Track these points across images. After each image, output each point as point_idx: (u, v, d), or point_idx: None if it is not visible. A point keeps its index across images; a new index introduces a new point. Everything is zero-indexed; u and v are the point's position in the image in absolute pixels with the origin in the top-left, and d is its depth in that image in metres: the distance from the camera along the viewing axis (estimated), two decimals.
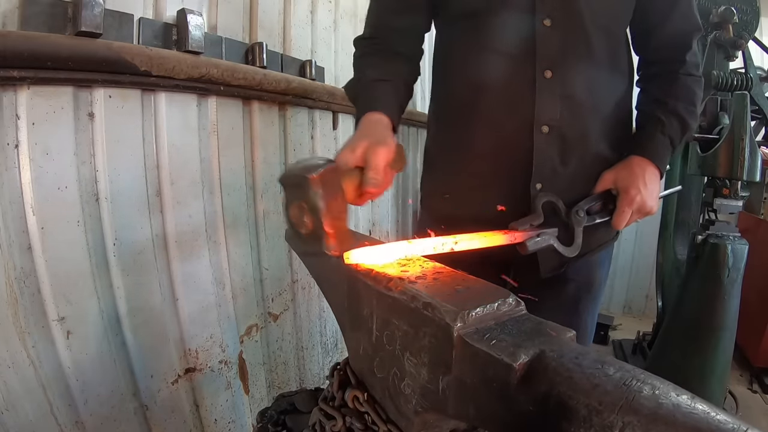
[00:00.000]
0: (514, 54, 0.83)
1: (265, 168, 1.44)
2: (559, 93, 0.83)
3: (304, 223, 0.60)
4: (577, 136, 0.87)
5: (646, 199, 0.83)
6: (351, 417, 0.60)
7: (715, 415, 0.31)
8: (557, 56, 0.82)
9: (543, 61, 0.82)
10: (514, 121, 0.85)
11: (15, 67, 0.80)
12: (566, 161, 0.87)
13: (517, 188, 0.87)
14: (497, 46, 0.85)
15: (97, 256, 0.99)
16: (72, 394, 0.96)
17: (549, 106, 0.83)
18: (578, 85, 0.84)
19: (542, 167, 0.86)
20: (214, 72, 1.14)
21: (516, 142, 0.86)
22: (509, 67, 0.84)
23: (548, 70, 0.82)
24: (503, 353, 0.39)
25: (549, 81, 0.82)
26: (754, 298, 1.93)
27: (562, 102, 0.84)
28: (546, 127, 0.84)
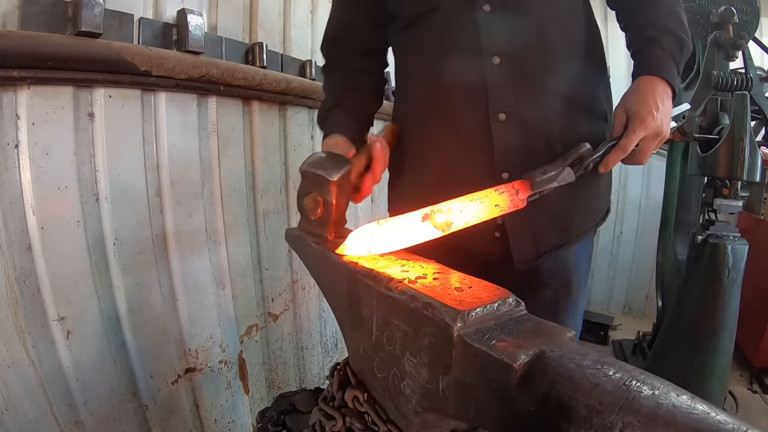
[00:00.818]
0: (460, 47, 0.82)
1: (265, 168, 1.44)
2: (510, 78, 0.80)
3: (315, 212, 0.69)
4: (537, 120, 0.83)
5: (660, 122, 0.77)
6: (351, 417, 0.60)
7: (715, 415, 0.31)
8: (503, 41, 0.80)
9: (490, 48, 0.80)
10: (470, 114, 0.83)
11: (15, 67, 0.81)
12: (530, 147, 0.83)
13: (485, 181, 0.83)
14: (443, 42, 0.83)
15: (97, 256, 0.99)
16: (72, 394, 0.96)
17: (502, 93, 0.81)
18: (530, 68, 0.81)
19: (506, 156, 0.83)
20: (214, 72, 1.14)
21: (476, 135, 0.83)
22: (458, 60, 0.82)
23: (496, 56, 0.80)
24: (503, 353, 0.39)
25: (499, 67, 0.80)
26: (754, 298, 1.93)
27: (516, 87, 0.81)
28: (503, 115, 0.81)
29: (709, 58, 1.69)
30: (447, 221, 0.64)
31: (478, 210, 0.68)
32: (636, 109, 0.77)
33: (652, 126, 0.76)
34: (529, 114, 0.82)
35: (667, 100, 0.79)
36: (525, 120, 0.82)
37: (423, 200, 0.67)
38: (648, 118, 0.76)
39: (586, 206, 0.91)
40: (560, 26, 0.83)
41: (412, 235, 0.63)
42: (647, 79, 0.80)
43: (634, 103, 0.78)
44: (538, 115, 0.83)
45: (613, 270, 3.04)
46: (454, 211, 0.65)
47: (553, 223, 0.87)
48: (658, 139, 0.79)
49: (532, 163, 0.82)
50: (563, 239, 0.89)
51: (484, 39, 0.80)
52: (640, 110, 0.76)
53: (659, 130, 0.77)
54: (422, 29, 0.86)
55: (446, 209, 0.65)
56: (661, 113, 0.77)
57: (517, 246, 0.87)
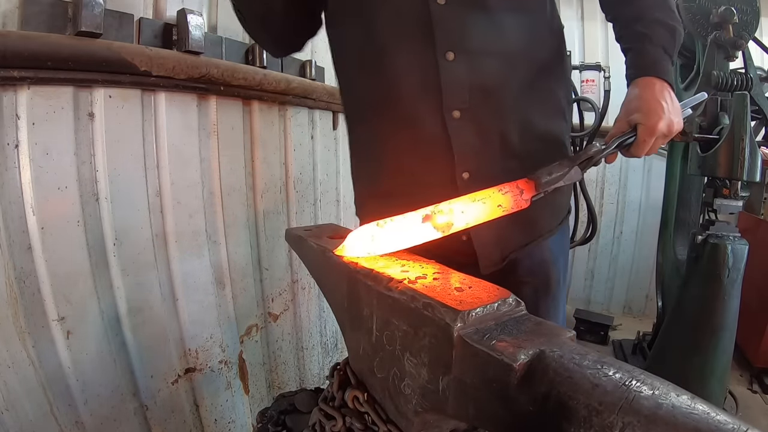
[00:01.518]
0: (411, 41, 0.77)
1: (265, 168, 1.44)
2: (464, 74, 0.77)
3: None
4: (493, 117, 0.80)
5: (671, 121, 0.75)
6: (351, 417, 0.60)
7: (715, 415, 0.31)
8: (456, 36, 0.76)
9: (442, 43, 0.76)
10: (424, 112, 0.79)
11: (15, 67, 0.81)
12: (488, 145, 0.81)
13: (446, 182, 0.82)
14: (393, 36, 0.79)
15: (97, 256, 0.99)
16: (72, 394, 0.96)
17: (456, 90, 0.77)
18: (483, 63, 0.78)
19: (465, 155, 0.80)
20: (214, 72, 1.14)
21: (433, 134, 0.80)
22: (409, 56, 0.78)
23: (449, 52, 0.76)
24: (503, 353, 0.39)
25: (451, 63, 0.76)
26: (754, 298, 1.93)
27: (471, 83, 0.78)
28: (457, 112, 0.78)
29: (709, 58, 1.69)
30: (448, 222, 0.63)
31: (480, 210, 0.67)
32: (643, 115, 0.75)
33: (662, 128, 0.74)
34: (484, 111, 0.79)
35: (669, 95, 0.77)
36: (480, 117, 0.79)
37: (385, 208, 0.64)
38: (659, 125, 0.74)
39: (549, 204, 0.86)
40: (518, 21, 0.80)
41: (412, 237, 0.62)
42: (644, 82, 0.78)
43: (640, 111, 0.76)
44: (494, 111, 0.80)
45: (613, 270, 3.04)
46: (455, 212, 0.64)
47: (516, 225, 0.82)
48: (669, 137, 0.77)
49: (491, 161, 0.80)
50: (527, 239, 0.87)
51: (438, 34, 0.76)
52: (650, 116, 0.74)
53: (670, 129, 0.75)
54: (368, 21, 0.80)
55: (447, 210, 0.64)
56: (668, 110, 0.75)
57: (481, 249, 0.85)
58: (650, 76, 0.78)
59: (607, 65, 2.41)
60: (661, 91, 0.76)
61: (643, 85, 0.78)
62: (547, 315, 0.93)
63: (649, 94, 0.76)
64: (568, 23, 2.59)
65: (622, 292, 3.08)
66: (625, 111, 0.78)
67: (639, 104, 0.76)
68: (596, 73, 2.51)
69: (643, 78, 0.78)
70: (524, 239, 0.87)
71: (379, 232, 0.61)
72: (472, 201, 0.66)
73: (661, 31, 0.79)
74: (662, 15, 0.80)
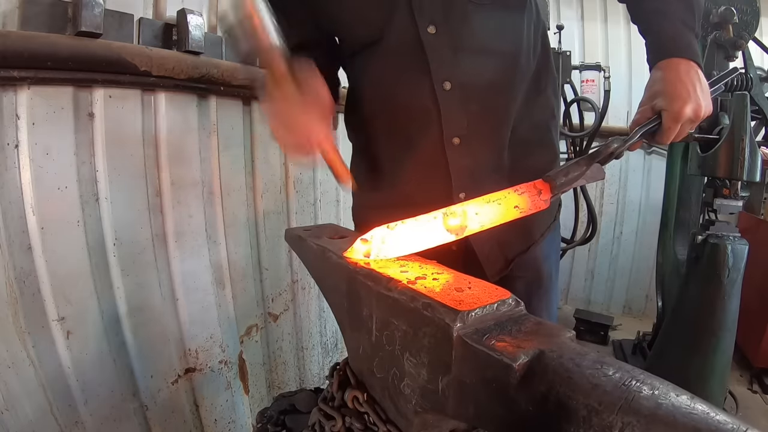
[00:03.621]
0: (410, 74, 0.79)
1: (265, 168, 1.44)
2: (461, 102, 0.79)
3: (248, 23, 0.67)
4: (489, 142, 0.82)
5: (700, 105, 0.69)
6: (350, 417, 0.60)
7: (714, 415, 0.31)
8: (450, 64, 0.77)
9: (438, 72, 0.77)
10: (425, 138, 0.82)
11: (15, 67, 0.81)
12: (484, 167, 0.83)
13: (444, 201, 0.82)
14: (394, 68, 0.81)
15: (97, 256, 0.99)
16: (72, 394, 0.97)
17: (455, 118, 0.79)
18: (478, 89, 0.79)
19: (461, 177, 0.83)
20: (214, 72, 1.14)
21: (431, 158, 0.82)
22: (409, 87, 0.80)
23: (446, 81, 0.77)
24: (503, 353, 0.39)
25: (449, 93, 0.78)
26: (754, 298, 1.93)
27: (468, 110, 0.79)
28: (457, 139, 0.80)
29: (709, 58, 1.69)
30: (461, 224, 0.61)
31: (495, 212, 0.64)
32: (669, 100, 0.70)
33: (688, 113, 0.69)
34: (482, 137, 0.82)
35: (696, 75, 0.70)
36: (478, 141, 0.82)
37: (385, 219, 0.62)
38: (683, 109, 0.68)
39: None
40: (506, 45, 0.80)
41: (425, 240, 0.60)
42: (666, 63, 0.72)
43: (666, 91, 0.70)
44: (490, 135, 0.82)
45: (613, 270, 3.04)
46: (468, 214, 0.62)
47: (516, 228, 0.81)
48: (698, 120, 0.71)
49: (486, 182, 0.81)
50: (529, 241, 0.89)
51: (433, 63, 0.77)
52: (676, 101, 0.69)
53: (697, 113, 0.70)
54: (371, 56, 0.83)
55: (460, 212, 0.62)
56: (696, 92, 0.69)
57: (485, 258, 0.86)
58: (672, 56, 0.71)
59: (607, 65, 2.41)
60: (687, 72, 0.70)
61: (666, 66, 0.72)
62: (539, 309, 0.94)
63: (674, 76, 0.70)
64: (568, 23, 2.60)
65: (622, 292, 3.08)
66: (649, 95, 0.73)
67: (663, 87, 0.70)
68: (596, 73, 2.51)
69: (665, 60, 0.72)
70: (526, 242, 0.88)
71: (389, 234, 0.60)
72: (486, 202, 0.64)
73: (681, 6, 0.73)
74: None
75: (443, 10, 0.76)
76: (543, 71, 0.88)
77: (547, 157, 0.91)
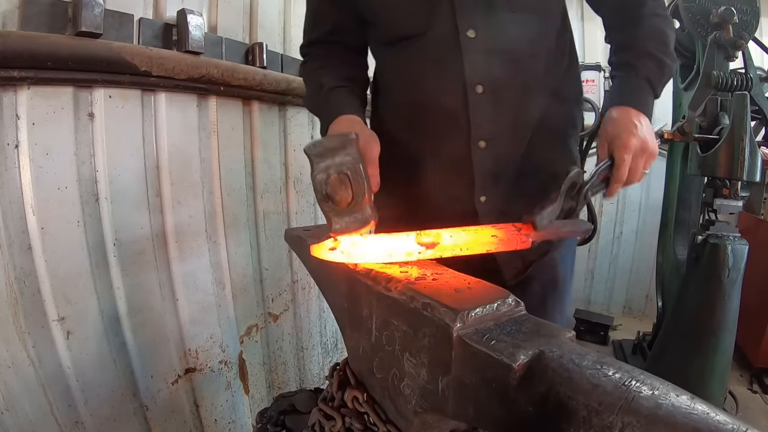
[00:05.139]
0: (444, 73, 0.81)
1: (265, 168, 1.44)
2: (492, 107, 0.81)
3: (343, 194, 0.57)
4: (514, 147, 0.85)
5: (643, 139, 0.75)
6: (350, 417, 0.60)
7: (714, 415, 0.31)
8: (485, 69, 0.80)
9: (472, 76, 0.80)
10: (452, 139, 0.84)
11: (15, 67, 0.81)
12: (509, 172, 0.85)
13: (460, 201, 0.87)
14: (428, 66, 0.82)
15: (97, 256, 0.99)
16: (72, 394, 0.96)
17: (484, 122, 0.82)
18: (510, 95, 0.82)
19: (484, 181, 0.85)
20: (214, 72, 1.14)
21: (456, 160, 0.85)
22: (442, 86, 0.82)
23: (479, 84, 0.80)
24: (502, 354, 0.39)
25: (481, 96, 0.80)
26: (754, 298, 1.93)
27: (497, 115, 0.82)
28: (483, 143, 0.83)
29: (709, 58, 1.69)
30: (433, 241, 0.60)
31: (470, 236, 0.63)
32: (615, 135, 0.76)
33: (635, 144, 0.75)
34: (507, 142, 0.84)
35: (643, 119, 0.77)
36: (503, 147, 0.84)
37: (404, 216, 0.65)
38: (631, 141, 0.74)
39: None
40: (541, 51, 0.83)
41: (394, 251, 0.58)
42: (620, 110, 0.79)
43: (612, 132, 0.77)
44: (516, 143, 0.85)
45: (613, 270, 3.03)
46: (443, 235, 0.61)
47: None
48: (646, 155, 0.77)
49: (507, 186, 0.84)
50: (547, 246, 0.89)
51: (468, 67, 0.80)
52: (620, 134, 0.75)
53: (644, 146, 0.76)
54: (406, 51, 0.84)
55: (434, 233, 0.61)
56: (641, 130, 0.75)
57: (504, 262, 0.88)
58: (627, 106, 0.78)
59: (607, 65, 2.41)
60: (636, 115, 0.77)
61: (618, 110, 0.79)
62: (553, 310, 0.96)
63: (624, 117, 0.77)
64: None
65: (622, 292, 3.08)
66: (603, 134, 0.79)
67: (612, 127, 0.77)
68: (596, 73, 2.51)
69: (621, 107, 0.79)
70: (545, 247, 0.89)
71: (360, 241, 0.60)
72: (462, 229, 0.64)
73: (649, 63, 0.80)
74: (654, 47, 0.80)
75: (484, 16, 0.79)
76: (570, 80, 0.91)
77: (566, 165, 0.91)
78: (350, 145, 0.57)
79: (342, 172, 0.57)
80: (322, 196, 0.58)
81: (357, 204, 0.58)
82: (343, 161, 0.57)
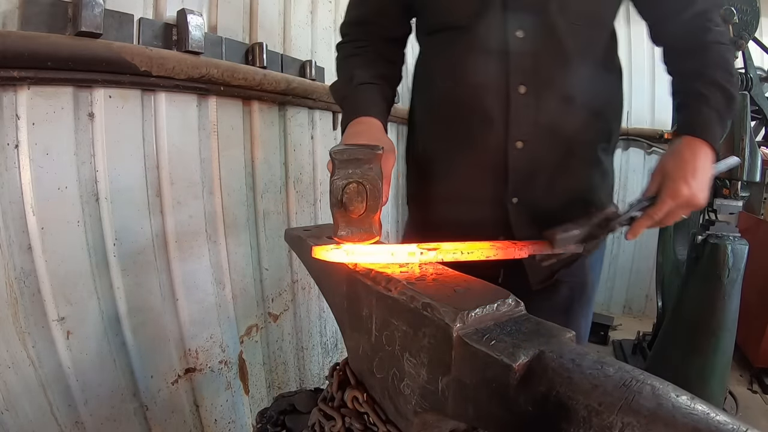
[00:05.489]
0: (487, 69, 0.80)
1: (265, 168, 1.44)
2: (532, 108, 0.80)
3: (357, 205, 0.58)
4: (552, 150, 0.84)
5: (695, 192, 0.73)
6: (350, 417, 0.60)
7: (714, 415, 0.31)
8: (530, 70, 0.79)
9: (516, 75, 0.79)
10: (489, 136, 0.83)
11: (15, 67, 0.80)
12: (542, 175, 0.85)
13: (492, 202, 0.86)
14: (472, 61, 0.82)
15: (97, 256, 0.99)
16: (72, 394, 0.96)
17: (523, 123, 0.81)
18: (552, 99, 0.81)
19: (517, 182, 0.84)
20: (214, 72, 1.14)
21: (491, 158, 0.84)
22: (483, 82, 0.81)
23: (522, 85, 0.79)
24: (502, 354, 0.39)
25: (523, 96, 0.80)
26: (754, 298, 1.93)
27: (536, 117, 0.81)
28: (520, 143, 0.82)
29: None
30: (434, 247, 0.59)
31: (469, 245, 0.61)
32: (672, 177, 0.74)
33: (684, 197, 0.73)
34: (544, 145, 0.82)
35: (706, 167, 0.75)
36: (540, 150, 0.83)
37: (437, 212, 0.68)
38: (682, 189, 0.73)
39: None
40: (588, 60, 0.82)
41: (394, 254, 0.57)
42: (690, 141, 0.76)
43: (671, 169, 0.75)
44: (552, 147, 0.83)
45: (613, 270, 3.04)
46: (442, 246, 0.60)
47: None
48: (689, 207, 0.75)
49: (540, 190, 0.83)
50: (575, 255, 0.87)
51: (512, 66, 0.79)
52: (676, 179, 0.73)
53: (691, 201, 0.74)
54: (451, 43, 0.83)
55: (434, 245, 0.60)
56: (696, 183, 0.73)
57: (531, 267, 0.87)
58: (699, 137, 0.76)
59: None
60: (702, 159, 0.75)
61: (687, 144, 0.76)
62: (579, 315, 0.95)
63: (689, 157, 0.75)
64: None
65: (622, 292, 3.08)
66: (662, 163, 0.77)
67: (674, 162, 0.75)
68: None
69: (691, 138, 0.76)
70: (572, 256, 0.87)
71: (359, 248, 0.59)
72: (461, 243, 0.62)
73: (718, 95, 0.78)
74: (723, 77, 0.78)
75: (534, 18, 0.77)
76: (613, 93, 0.90)
77: (599, 176, 0.91)
78: (376, 160, 0.58)
79: (362, 183, 0.58)
80: (336, 200, 0.58)
81: (367, 217, 0.59)
82: (365, 174, 0.58)
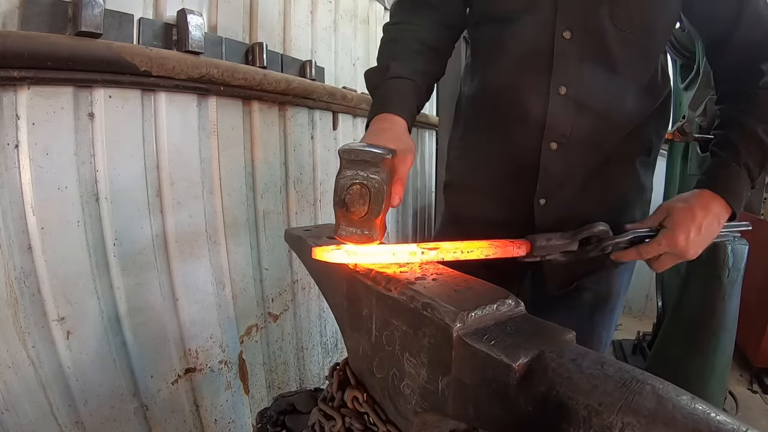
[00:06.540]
0: (531, 66, 0.80)
1: (265, 168, 1.44)
2: (571, 111, 0.79)
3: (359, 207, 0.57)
4: (587, 156, 0.82)
5: (690, 247, 0.72)
6: (350, 417, 0.60)
7: (714, 415, 0.31)
8: (573, 72, 0.78)
9: (558, 76, 0.78)
10: (524, 135, 0.82)
11: (15, 67, 0.80)
12: (574, 180, 0.83)
13: (521, 201, 0.85)
14: (516, 56, 0.81)
15: (97, 256, 0.99)
16: (72, 394, 0.96)
17: (560, 124, 0.80)
18: (593, 104, 0.79)
19: (547, 183, 0.83)
20: (214, 72, 1.14)
21: (524, 156, 0.83)
22: (526, 79, 0.80)
23: (563, 86, 0.78)
24: (502, 354, 0.39)
25: (563, 98, 0.78)
26: (754, 298, 1.93)
27: (574, 120, 0.79)
28: (555, 144, 0.81)
29: None
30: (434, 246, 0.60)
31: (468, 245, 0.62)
32: (675, 225, 0.73)
33: (680, 248, 0.72)
34: (579, 150, 0.81)
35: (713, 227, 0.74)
36: (574, 154, 0.81)
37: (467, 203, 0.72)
38: (680, 239, 0.72)
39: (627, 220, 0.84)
40: (633, 69, 0.80)
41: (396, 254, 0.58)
42: (708, 196, 0.74)
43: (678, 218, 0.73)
44: (587, 152, 0.82)
45: None
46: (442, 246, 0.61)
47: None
48: (680, 258, 0.75)
49: (569, 194, 0.83)
50: (597, 265, 0.86)
51: (556, 66, 0.78)
52: (678, 228, 0.72)
53: (684, 254, 0.73)
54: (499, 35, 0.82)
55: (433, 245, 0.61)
56: (697, 240, 0.72)
57: (551, 272, 0.87)
58: (718, 194, 0.74)
59: None
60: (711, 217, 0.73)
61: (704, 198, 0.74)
62: (601, 325, 0.92)
63: (699, 211, 0.73)
64: None
65: None
66: (672, 202, 0.76)
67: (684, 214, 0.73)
68: None
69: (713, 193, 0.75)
70: (595, 266, 0.86)
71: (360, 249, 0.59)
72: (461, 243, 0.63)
73: (753, 148, 0.75)
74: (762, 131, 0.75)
75: (583, 20, 0.76)
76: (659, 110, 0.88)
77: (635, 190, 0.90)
78: (383, 165, 0.57)
79: (365, 186, 0.57)
80: (338, 199, 0.58)
81: (368, 221, 0.58)
82: (370, 177, 0.57)
